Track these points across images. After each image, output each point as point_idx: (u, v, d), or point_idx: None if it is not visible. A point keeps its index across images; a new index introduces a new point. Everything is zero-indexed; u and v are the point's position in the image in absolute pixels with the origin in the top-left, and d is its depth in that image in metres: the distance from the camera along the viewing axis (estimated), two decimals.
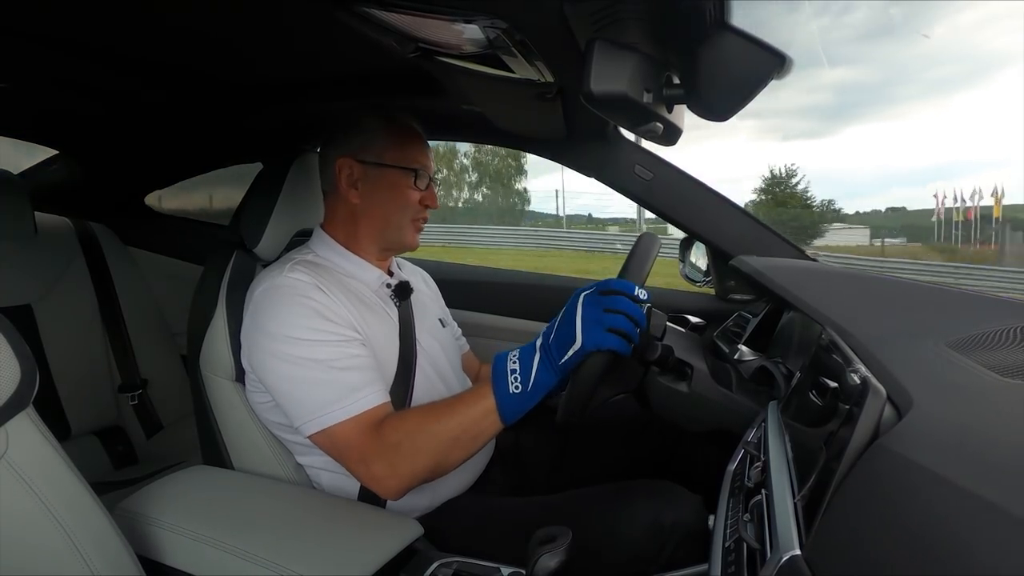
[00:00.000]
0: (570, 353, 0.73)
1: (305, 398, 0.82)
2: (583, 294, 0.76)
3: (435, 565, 0.75)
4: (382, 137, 0.96)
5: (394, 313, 0.98)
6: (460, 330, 1.21)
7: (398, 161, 0.96)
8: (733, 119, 0.60)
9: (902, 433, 0.47)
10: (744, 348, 1.04)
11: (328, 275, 0.91)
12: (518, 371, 0.76)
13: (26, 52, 0.94)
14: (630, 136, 1.20)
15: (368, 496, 0.89)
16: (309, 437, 0.83)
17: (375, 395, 0.84)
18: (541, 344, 0.77)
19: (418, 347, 0.97)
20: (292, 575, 0.67)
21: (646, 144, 1.15)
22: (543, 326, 0.80)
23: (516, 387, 0.75)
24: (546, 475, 1.11)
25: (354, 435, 0.81)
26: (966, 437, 0.46)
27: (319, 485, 0.94)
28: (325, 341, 0.83)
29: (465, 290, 1.51)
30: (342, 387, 0.82)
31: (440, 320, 1.10)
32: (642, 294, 0.75)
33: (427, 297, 1.13)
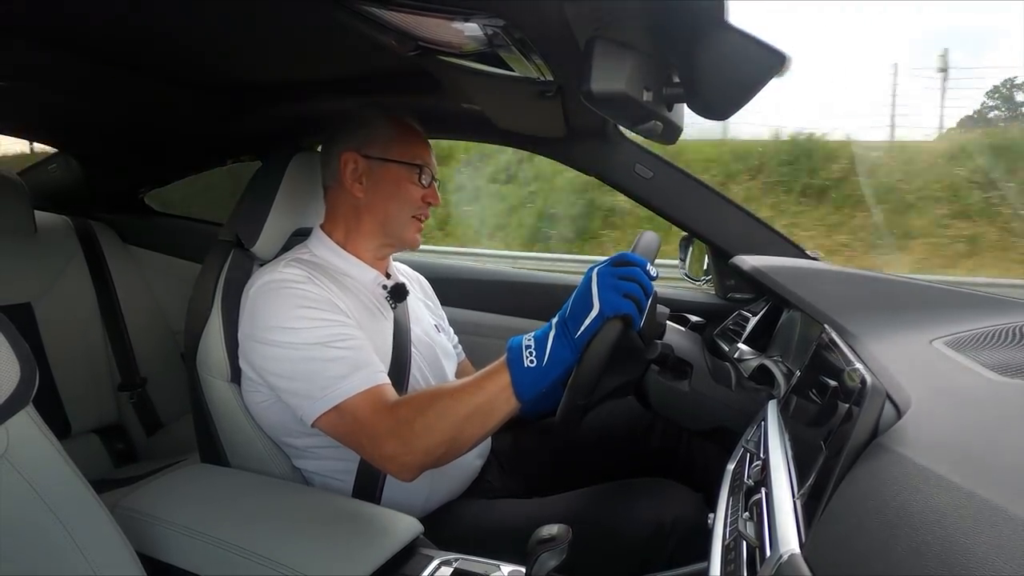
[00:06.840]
0: (587, 321, 0.73)
1: (313, 376, 0.80)
2: (596, 268, 0.76)
3: (435, 563, 0.75)
4: (387, 133, 0.96)
5: (389, 314, 0.98)
6: (457, 338, 1.20)
7: (403, 157, 0.96)
8: None
9: (901, 432, 0.47)
10: (744, 347, 1.04)
11: (323, 273, 0.91)
12: (533, 347, 0.76)
13: (25, 50, 0.94)
14: (630, 135, 1.20)
15: (362, 497, 0.89)
16: (316, 423, 0.81)
17: (382, 373, 0.83)
18: (557, 321, 0.77)
19: (413, 349, 0.97)
20: (292, 573, 0.67)
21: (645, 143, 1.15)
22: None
23: (531, 361, 0.75)
24: (545, 479, 1.10)
25: (365, 410, 0.79)
26: (965, 436, 0.46)
27: None
28: (322, 326, 0.83)
29: (462, 289, 1.51)
30: (348, 363, 0.81)
31: (436, 325, 1.10)
32: (652, 270, 0.76)
33: (424, 303, 1.12)
